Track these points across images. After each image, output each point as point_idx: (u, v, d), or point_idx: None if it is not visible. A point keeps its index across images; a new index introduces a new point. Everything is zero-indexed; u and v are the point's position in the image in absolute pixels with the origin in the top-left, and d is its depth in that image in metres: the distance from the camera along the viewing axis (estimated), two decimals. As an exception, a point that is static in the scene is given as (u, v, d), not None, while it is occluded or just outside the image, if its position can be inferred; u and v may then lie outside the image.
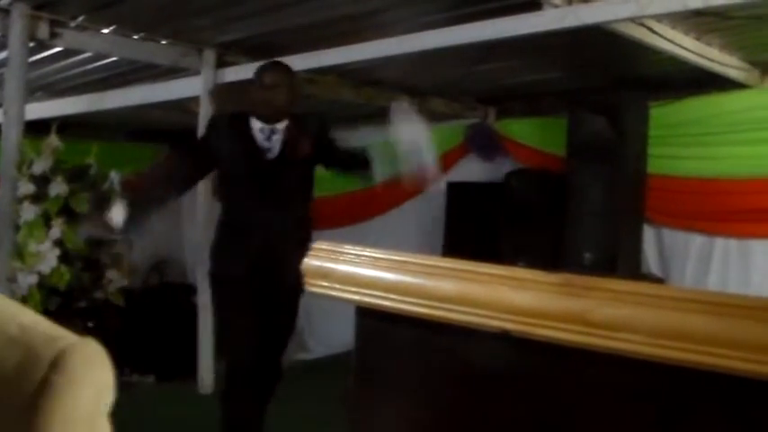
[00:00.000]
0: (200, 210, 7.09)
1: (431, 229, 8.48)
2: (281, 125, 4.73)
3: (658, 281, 7.20)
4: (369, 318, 1.70)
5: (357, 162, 4.84)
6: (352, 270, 1.66)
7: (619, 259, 6.79)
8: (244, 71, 6.57)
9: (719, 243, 6.97)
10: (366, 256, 1.66)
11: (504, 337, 1.43)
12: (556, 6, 4.80)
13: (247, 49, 6.69)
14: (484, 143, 8.43)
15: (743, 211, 6.75)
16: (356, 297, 1.66)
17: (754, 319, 1.18)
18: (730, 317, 1.20)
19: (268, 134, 4.70)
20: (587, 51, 6.29)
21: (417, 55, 5.69)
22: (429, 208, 8.61)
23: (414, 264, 1.58)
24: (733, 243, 6.87)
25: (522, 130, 8.16)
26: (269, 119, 4.70)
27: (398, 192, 8.89)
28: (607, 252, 6.77)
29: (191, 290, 8.05)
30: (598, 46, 5.88)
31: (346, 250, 1.69)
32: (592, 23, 4.78)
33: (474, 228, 8.05)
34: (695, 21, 5.43)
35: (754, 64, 6.57)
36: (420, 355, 1.67)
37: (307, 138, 4.75)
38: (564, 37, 5.40)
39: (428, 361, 1.65)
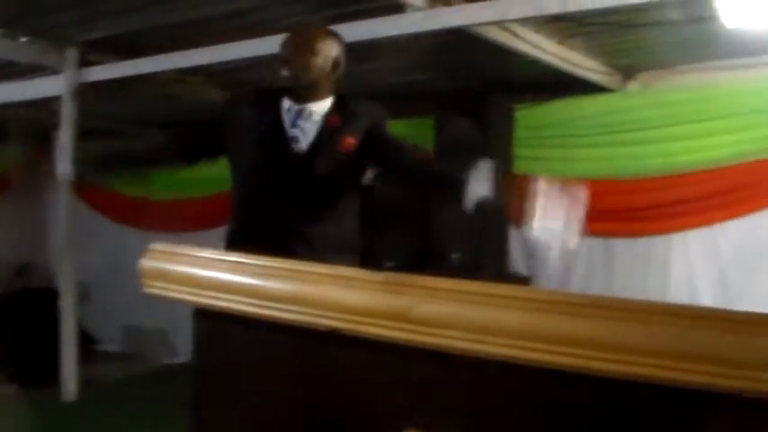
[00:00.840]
0: (62, 210, 6.93)
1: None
2: (317, 106, 3.50)
3: (525, 280, 7.34)
4: (207, 318, 1.72)
5: (438, 181, 3.58)
6: (189, 271, 1.68)
7: (486, 258, 6.90)
8: (109, 71, 6.46)
9: (584, 242, 7.13)
10: (202, 258, 1.68)
11: (334, 334, 1.46)
12: (418, 9, 4.85)
13: (113, 48, 6.51)
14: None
15: (605, 211, 6.94)
16: (193, 298, 1.67)
17: (566, 314, 1.24)
18: (542, 312, 1.26)
19: (294, 117, 3.49)
20: (453, 54, 6.36)
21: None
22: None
23: (248, 265, 1.61)
24: (597, 242, 7.04)
25: (390, 131, 8.22)
26: (298, 96, 3.48)
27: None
28: (474, 252, 6.87)
29: (55, 295, 7.88)
30: (464, 49, 5.95)
31: (183, 251, 1.70)
32: (453, 26, 4.84)
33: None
34: (557, 25, 5.55)
35: (615, 68, 6.74)
36: (256, 354, 1.69)
37: (352, 128, 3.51)
38: (430, 39, 5.47)
39: (265, 360, 1.68)
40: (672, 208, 6.56)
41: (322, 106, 3.50)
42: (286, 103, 3.50)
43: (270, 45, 5.53)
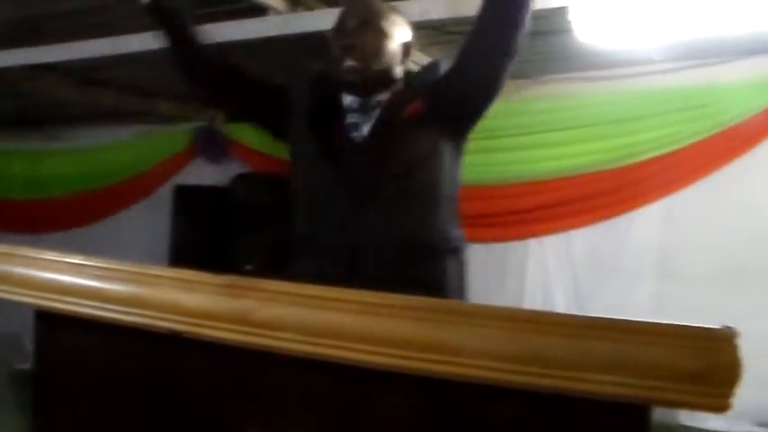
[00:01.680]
0: None
1: (158, 232, 8.37)
2: (384, 96, 2.97)
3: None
4: (48, 321, 1.69)
5: None
6: (29, 273, 1.65)
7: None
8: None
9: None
10: (42, 259, 1.65)
11: (174, 337, 1.46)
12: (279, 13, 4.85)
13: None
14: (211, 146, 8.41)
15: (464, 216, 7.03)
16: (34, 300, 1.64)
17: (398, 317, 1.27)
18: (372, 315, 1.29)
19: (358, 109, 2.96)
20: (313, 59, 6.37)
21: (144, 55, 5.58)
22: (156, 211, 8.51)
23: (88, 266, 1.58)
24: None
25: (250, 134, 8.19)
26: (363, 88, 2.94)
27: (124, 195, 8.79)
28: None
29: None
30: (322, 54, 5.97)
31: (22, 253, 1.67)
32: (314, 30, 4.85)
33: (202, 232, 8.02)
34: (416, 33, 5.60)
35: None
36: (97, 358, 1.67)
37: (414, 92, 2.97)
38: (291, 43, 5.47)
39: (104, 363, 1.66)
40: (529, 214, 6.74)
41: (385, 95, 2.96)
42: (347, 99, 2.98)
43: (127, 44, 5.48)
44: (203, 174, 8.46)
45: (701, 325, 1.15)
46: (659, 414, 1.22)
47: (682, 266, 6.07)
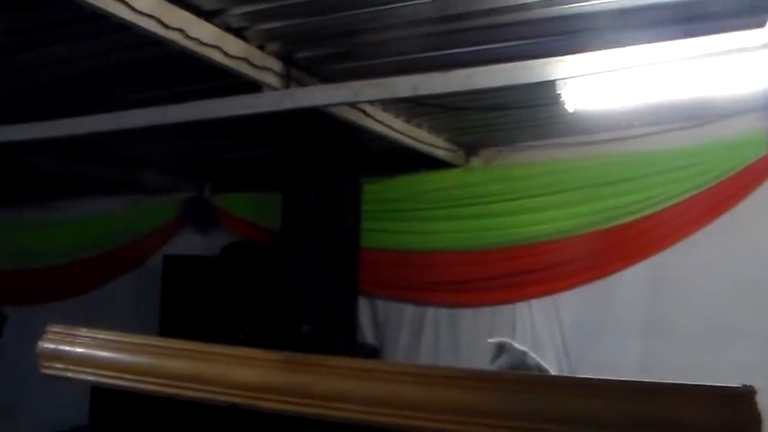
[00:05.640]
0: None
1: (147, 302, 8.40)
2: None
3: (373, 350, 7.47)
4: (104, 397, 1.78)
5: None
6: (88, 352, 1.74)
7: (336, 330, 6.99)
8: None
9: (431, 312, 7.34)
10: (101, 339, 1.74)
11: (232, 410, 1.56)
12: (274, 89, 4.95)
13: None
14: (200, 216, 8.49)
15: (452, 282, 7.16)
16: (92, 378, 1.73)
17: (456, 386, 1.38)
18: (431, 385, 1.39)
19: None
20: (302, 130, 6.51)
21: (135, 129, 5.66)
22: (145, 282, 8.55)
23: (149, 345, 1.68)
24: (443, 312, 7.26)
25: (238, 205, 8.31)
26: None
27: (114, 265, 8.84)
28: (324, 323, 6.95)
29: None
30: (312, 125, 6.11)
31: (81, 333, 1.77)
32: (308, 106, 4.95)
33: (192, 301, 8.04)
34: (404, 105, 5.76)
35: (459, 145, 7.02)
36: (156, 430, 1.76)
37: None
38: (280, 116, 5.59)
39: (162, 435, 1.75)
40: (516, 278, 6.84)
41: None
42: None
43: (119, 120, 5.55)
44: (192, 244, 8.52)
45: (720, 384, 1.26)
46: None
47: (669, 325, 6.15)
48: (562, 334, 6.60)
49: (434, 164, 7.04)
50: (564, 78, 4.12)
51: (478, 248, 6.98)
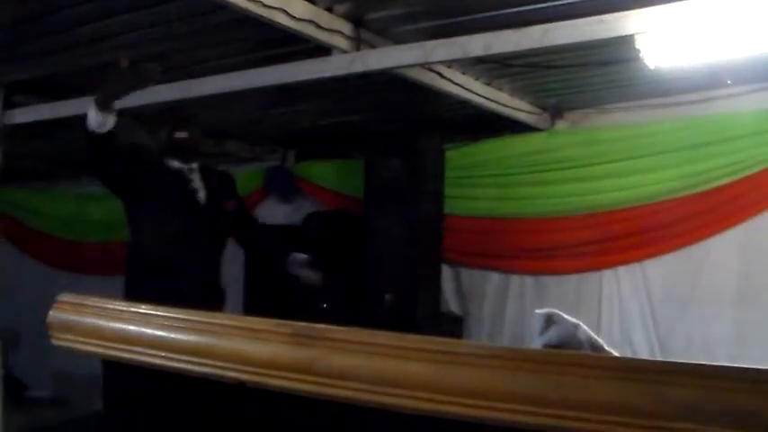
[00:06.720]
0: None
1: (232, 271, 8.40)
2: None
3: (456, 319, 7.37)
4: (115, 370, 1.69)
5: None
6: (97, 323, 1.64)
7: (419, 299, 6.91)
8: (34, 113, 6.37)
9: (515, 280, 7.20)
10: (110, 309, 1.65)
11: (240, 387, 1.44)
12: (344, 52, 4.85)
13: (37, 90, 6.43)
14: (283, 186, 8.45)
15: (537, 249, 7.00)
16: (101, 350, 1.64)
17: (468, 365, 1.23)
18: (446, 364, 1.25)
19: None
20: (382, 96, 6.40)
21: (215, 97, 5.63)
22: (231, 252, 8.54)
23: (155, 316, 1.58)
24: (528, 280, 7.11)
25: (321, 173, 8.24)
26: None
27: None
28: (407, 292, 6.88)
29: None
30: (392, 90, 5.99)
31: (90, 303, 1.67)
32: (379, 69, 4.85)
33: (276, 271, 8.02)
34: (483, 67, 5.59)
35: (543, 108, 6.82)
36: (163, 407, 1.66)
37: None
38: (358, 81, 5.48)
39: (172, 412, 1.65)
40: (602, 245, 6.63)
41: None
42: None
43: (200, 86, 5.54)
44: (276, 213, 8.48)
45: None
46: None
47: (763, 293, 5.88)
48: (650, 303, 6.38)
49: (518, 128, 6.85)
50: (642, 33, 3.94)
51: (564, 214, 6.79)
